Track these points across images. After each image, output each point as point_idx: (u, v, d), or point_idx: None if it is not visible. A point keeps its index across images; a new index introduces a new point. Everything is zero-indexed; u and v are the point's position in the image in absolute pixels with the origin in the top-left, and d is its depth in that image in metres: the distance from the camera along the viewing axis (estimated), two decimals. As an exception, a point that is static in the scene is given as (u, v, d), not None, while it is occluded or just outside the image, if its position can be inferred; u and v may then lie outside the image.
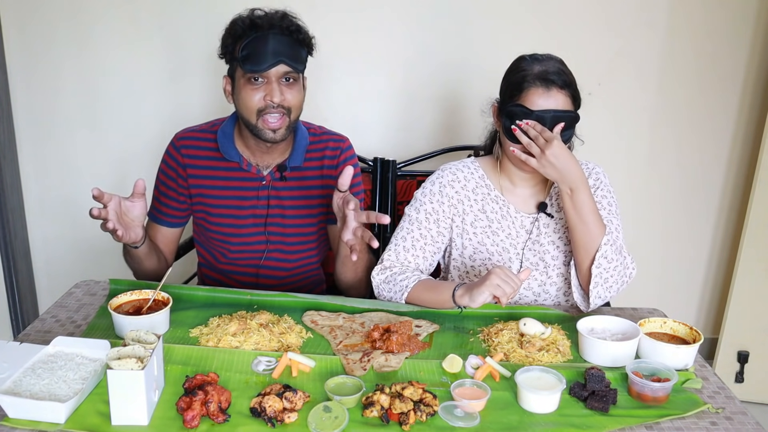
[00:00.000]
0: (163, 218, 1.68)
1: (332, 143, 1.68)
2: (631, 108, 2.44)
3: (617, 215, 1.56)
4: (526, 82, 1.45)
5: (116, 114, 2.45)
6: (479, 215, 1.60)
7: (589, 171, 1.60)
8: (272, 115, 1.51)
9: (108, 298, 1.45)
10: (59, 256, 2.63)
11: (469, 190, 1.61)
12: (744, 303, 2.44)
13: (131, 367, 1.02)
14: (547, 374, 1.16)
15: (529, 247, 1.58)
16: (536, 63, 1.47)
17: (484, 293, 1.33)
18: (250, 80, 1.49)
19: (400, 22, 2.34)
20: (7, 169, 2.43)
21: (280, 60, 1.48)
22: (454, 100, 2.41)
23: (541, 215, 1.58)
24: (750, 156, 2.50)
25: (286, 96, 1.51)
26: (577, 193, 1.43)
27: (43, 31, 2.36)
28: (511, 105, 1.47)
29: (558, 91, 1.44)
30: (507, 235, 1.59)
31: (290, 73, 1.51)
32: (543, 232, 1.58)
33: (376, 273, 1.55)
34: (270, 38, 1.47)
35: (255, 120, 1.52)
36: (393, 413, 1.06)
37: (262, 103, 1.50)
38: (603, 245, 1.43)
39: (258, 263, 1.69)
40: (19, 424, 1.02)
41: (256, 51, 1.47)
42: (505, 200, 1.60)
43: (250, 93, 1.50)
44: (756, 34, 2.36)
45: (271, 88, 1.49)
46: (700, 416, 1.12)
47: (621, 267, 1.47)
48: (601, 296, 1.47)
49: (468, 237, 1.61)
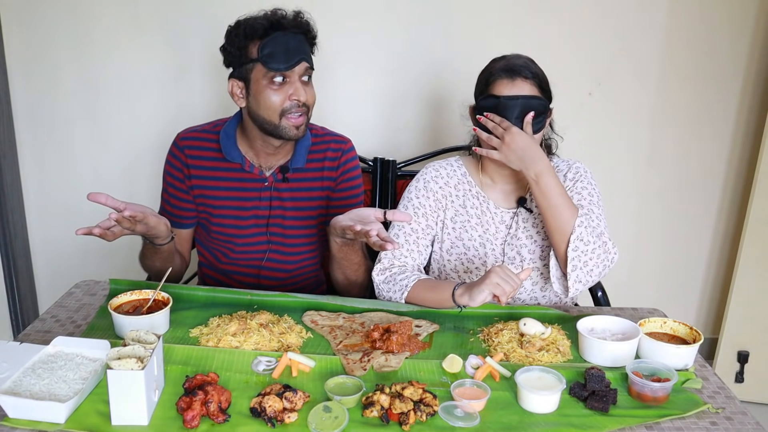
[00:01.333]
0: (177, 221, 1.67)
1: (334, 144, 1.69)
2: (631, 108, 2.44)
3: (599, 205, 1.56)
4: (492, 76, 1.51)
5: (116, 114, 2.45)
6: (460, 210, 1.63)
7: (570, 165, 1.62)
8: (295, 115, 1.51)
9: (108, 298, 1.45)
10: (59, 256, 2.63)
11: (452, 186, 1.64)
12: (744, 303, 2.44)
13: (131, 367, 1.02)
14: (547, 374, 1.16)
15: (507, 242, 1.60)
16: (502, 59, 1.54)
17: (483, 292, 1.34)
18: (272, 80, 1.49)
19: (400, 22, 2.34)
20: (7, 169, 2.43)
21: (302, 58, 1.49)
22: (454, 99, 2.41)
23: (521, 210, 1.61)
24: (750, 155, 2.50)
25: (308, 94, 1.53)
26: (542, 178, 1.45)
27: (43, 31, 2.36)
28: (480, 100, 1.52)
29: (523, 80, 1.49)
30: (485, 230, 1.61)
31: (309, 70, 1.53)
32: (522, 226, 1.60)
33: (376, 273, 1.56)
34: (292, 37, 1.49)
35: (278, 120, 1.51)
36: (393, 413, 1.06)
37: (287, 103, 1.50)
38: (577, 227, 1.45)
39: (259, 264, 1.69)
40: (19, 424, 1.02)
41: (279, 50, 1.47)
42: (486, 196, 1.63)
43: (272, 94, 1.49)
44: (756, 33, 2.36)
45: (296, 87, 1.50)
46: (700, 416, 1.12)
47: (600, 250, 1.47)
48: (582, 280, 1.47)
49: (447, 231, 1.64)
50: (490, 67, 1.54)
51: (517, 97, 1.47)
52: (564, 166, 1.63)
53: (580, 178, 1.59)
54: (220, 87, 2.39)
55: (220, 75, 2.37)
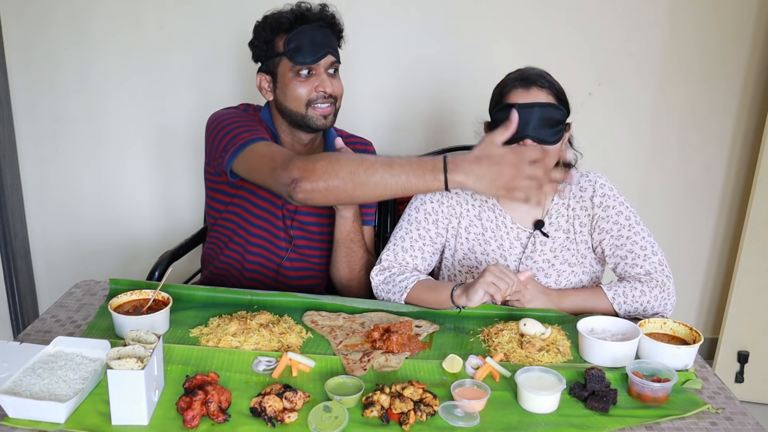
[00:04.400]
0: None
1: (358, 146, 1.70)
2: (632, 107, 2.44)
3: (638, 222, 1.52)
4: (507, 86, 1.48)
5: (116, 114, 2.45)
6: (474, 221, 1.60)
7: (590, 182, 1.56)
8: (322, 105, 1.53)
9: (108, 298, 1.45)
10: (59, 256, 2.63)
11: (468, 194, 1.61)
12: (744, 303, 2.44)
13: (131, 367, 1.02)
14: (547, 374, 1.16)
15: (522, 262, 1.58)
16: (517, 71, 1.50)
17: (478, 291, 1.33)
18: (299, 73, 1.51)
19: (401, 23, 2.34)
20: (7, 169, 2.43)
21: (327, 51, 1.52)
22: (453, 100, 2.41)
23: (537, 233, 1.57)
24: (750, 156, 2.50)
25: (334, 86, 1.55)
26: (562, 306, 1.48)
27: (43, 31, 2.36)
28: (495, 111, 1.48)
29: (539, 89, 1.45)
30: (499, 245, 1.59)
31: (335, 63, 1.55)
32: (538, 249, 1.57)
33: (374, 274, 1.55)
34: (317, 30, 1.51)
35: (305, 110, 1.54)
36: (393, 413, 1.06)
37: (313, 94, 1.52)
38: (615, 306, 1.46)
39: (279, 263, 1.68)
40: (19, 424, 1.02)
41: (305, 43, 1.49)
42: (502, 210, 1.59)
43: (300, 85, 1.52)
44: (756, 33, 2.36)
45: (321, 79, 1.52)
46: (700, 416, 1.12)
47: (655, 301, 1.47)
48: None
49: (461, 241, 1.61)
50: (505, 80, 1.50)
51: (533, 105, 1.42)
52: (585, 182, 1.56)
53: (608, 202, 1.53)
54: (221, 86, 2.39)
55: (223, 74, 2.38)
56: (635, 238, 1.50)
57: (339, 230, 1.59)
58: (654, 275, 1.48)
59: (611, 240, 1.52)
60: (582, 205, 1.55)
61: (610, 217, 1.53)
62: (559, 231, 1.57)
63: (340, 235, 1.59)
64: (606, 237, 1.53)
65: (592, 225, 1.55)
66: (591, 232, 1.56)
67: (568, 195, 1.57)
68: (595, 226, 1.54)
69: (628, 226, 1.51)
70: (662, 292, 1.47)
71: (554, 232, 1.57)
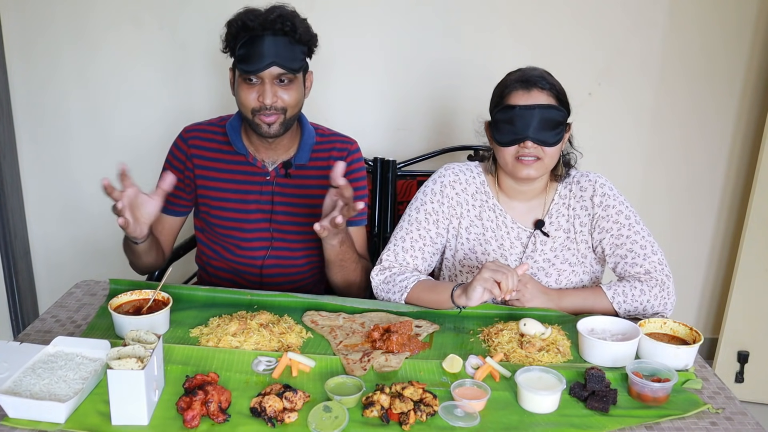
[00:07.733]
0: (166, 206, 1.66)
1: (339, 144, 1.69)
2: (632, 107, 2.44)
3: (638, 222, 1.52)
4: (508, 88, 1.48)
5: (116, 113, 2.45)
6: (475, 221, 1.60)
7: (590, 182, 1.56)
8: (266, 115, 1.53)
9: (108, 298, 1.45)
10: (59, 257, 2.63)
11: (469, 194, 1.60)
12: (744, 303, 2.44)
13: (131, 367, 1.02)
14: (547, 374, 1.16)
15: (523, 261, 1.57)
16: (518, 72, 1.50)
17: (477, 289, 1.33)
18: (246, 80, 1.51)
19: (400, 22, 2.34)
20: (7, 169, 2.43)
21: (273, 62, 1.48)
22: (453, 99, 2.41)
23: (538, 232, 1.57)
24: (750, 156, 2.50)
25: (281, 96, 1.52)
26: (562, 305, 1.48)
27: (43, 31, 2.36)
28: (496, 112, 1.48)
29: (540, 91, 1.45)
30: (499, 245, 1.59)
31: (284, 75, 1.51)
32: (539, 249, 1.57)
33: (375, 273, 1.55)
34: (264, 40, 1.48)
35: (251, 117, 1.55)
36: (393, 413, 1.06)
37: (256, 104, 1.52)
38: (615, 305, 1.46)
39: (262, 261, 1.70)
40: (19, 424, 1.02)
41: (250, 52, 1.48)
42: (503, 209, 1.59)
43: (245, 91, 1.53)
44: (756, 33, 2.36)
45: (264, 89, 1.50)
46: (700, 416, 1.12)
47: (655, 300, 1.47)
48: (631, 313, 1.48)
49: (461, 241, 1.61)
50: (505, 80, 1.50)
51: (533, 107, 1.43)
52: (585, 182, 1.56)
53: (608, 201, 1.53)
54: (222, 86, 2.39)
55: (221, 74, 2.38)
56: (635, 237, 1.50)
57: (327, 253, 1.56)
58: (654, 274, 1.48)
59: (611, 239, 1.53)
60: (582, 204, 1.56)
61: (610, 216, 1.53)
62: (559, 230, 1.57)
63: (329, 257, 1.57)
64: (606, 236, 1.53)
65: (592, 224, 1.55)
66: (591, 231, 1.56)
67: (569, 194, 1.57)
68: (595, 225, 1.54)
69: (627, 225, 1.51)
70: (662, 291, 1.47)
71: (554, 232, 1.57)
